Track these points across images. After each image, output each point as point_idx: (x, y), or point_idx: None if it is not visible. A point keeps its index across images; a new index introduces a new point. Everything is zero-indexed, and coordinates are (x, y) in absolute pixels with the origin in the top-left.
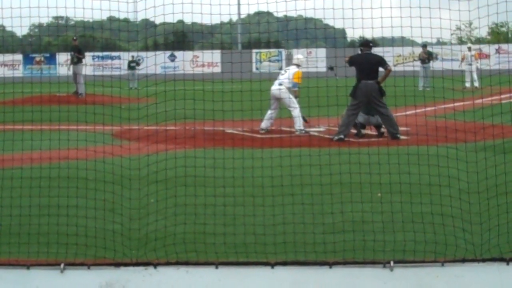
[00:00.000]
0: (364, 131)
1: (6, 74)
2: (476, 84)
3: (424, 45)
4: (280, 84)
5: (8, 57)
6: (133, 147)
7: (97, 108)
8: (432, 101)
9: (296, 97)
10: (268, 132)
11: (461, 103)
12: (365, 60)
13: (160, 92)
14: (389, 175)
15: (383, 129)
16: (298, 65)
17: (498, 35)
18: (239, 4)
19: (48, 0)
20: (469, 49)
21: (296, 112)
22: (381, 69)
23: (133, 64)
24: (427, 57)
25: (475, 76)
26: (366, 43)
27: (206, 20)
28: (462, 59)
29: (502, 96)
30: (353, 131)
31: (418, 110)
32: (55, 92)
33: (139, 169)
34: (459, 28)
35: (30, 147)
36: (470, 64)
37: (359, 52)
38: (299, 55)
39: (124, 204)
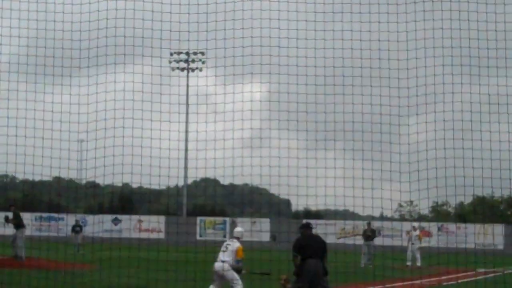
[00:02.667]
0: None
1: None
2: (419, 263)
3: (368, 223)
4: (223, 261)
5: None
6: None
7: (36, 273)
8: (372, 280)
9: (240, 271)
10: None
11: (402, 283)
12: (312, 240)
13: (104, 258)
14: None
15: None
16: (238, 238)
17: (439, 213)
18: (186, 175)
19: None
20: (414, 228)
21: (239, 287)
22: None
23: (77, 228)
24: (370, 234)
25: (418, 255)
26: (307, 225)
27: (153, 186)
28: (409, 240)
29: (443, 278)
30: None
31: None
32: None
33: None
34: (401, 205)
35: None
36: (413, 244)
37: (300, 233)
38: (238, 227)
39: None
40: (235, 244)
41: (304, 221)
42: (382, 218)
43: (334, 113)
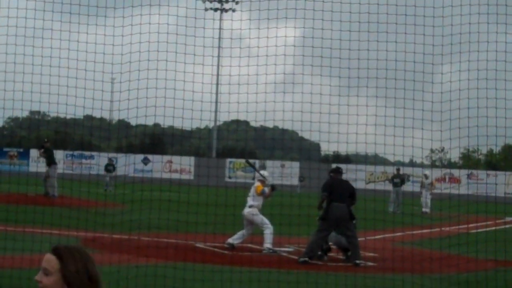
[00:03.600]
0: (329, 255)
1: None
2: (428, 210)
3: (398, 168)
4: (250, 207)
5: None
6: (105, 259)
7: (67, 212)
8: (400, 226)
9: (273, 187)
10: (235, 249)
11: (429, 230)
12: (339, 184)
13: (134, 198)
14: None
15: (350, 253)
16: (262, 181)
17: (469, 160)
18: (216, 111)
19: (24, 94)
20: (425, 176)
21: (267, 232)
22: None
23: (110, 167)
24: (399, 180)
25: (428, 202)
26: (337, 170)
27: (184, 125)
28: (421, 186)
29: (471, 225)
30: (319, 252)
31: (386, 235)
32: (24, 191)
33: (109, 282)
34: (432, 151)
35: None
36: (427, 191)
37: (330, 177)
38: (264, 171)
39: None
40: (255, 185)
41: (335, 165)
42: (412, 164)
43: (367, 59)
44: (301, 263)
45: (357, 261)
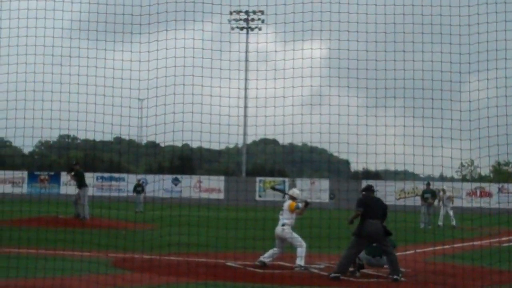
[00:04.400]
0: (362, 271)
1: (9, 191)
2: (454, 223)
3: (428, 183)
4: (283, 225)
5: (14, 174)
6: (135, 278)
7: (98, 234)
8: (432, 240)
9: (306, 204)
10: (267, 266)
11: (461, 244)
12: (373, 201)
13: (164, 217)
14: None
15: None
16: (294, 198)
17: (500, 175)
18: (245, 134)
19: (52, 121)
20: (444, 191)
21: (300, 249)
22: None
23: (139, 188)
24: (430, 195)
25: (451, 215)
26: (370, 188)
27: (212, 146)
28: (439, 201)
29: (503, 238)
30: (350, 268)
31: (418, 250)
32: (56, 213)
33: None
34: (462, 165)
35: (24, 273)
36: (445, 206)
37: (362, 196)
38: (294, 189)
39: None
40: (287, 202)
41: (366, 183)
42: (442, 178)
43: (394, 70)
44: (332, 278)
45: (396, 277)
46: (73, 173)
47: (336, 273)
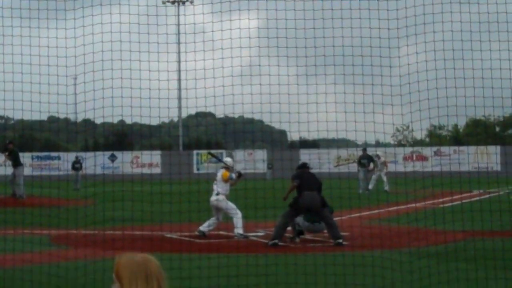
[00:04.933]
0: (301, 237)
1: None
2: (387, 188)
3: (364, 148)
4: (217, 194)
5: None
6: (71, 254)
7: (36, 211)
8: (368, 205)
9: (240, 175)
10: (206, 236)
11: (396, 207)
12: (310, 176)
13: (99, 193)
14: (325, 285)
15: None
16: (227, 168)
17: (435, 137)
18: (180, 106)
19: None
20: (378, 156)
21: (236, 219)
22: None
23: (77, 165)
24: (366, 161)
25: (385, 180)
26: (304, 165)
27: (147, 121)
28: (375, 166)
29: (439, 200)
30: (289, 234)
31: (355, 214)
32: None
33: (76, 279)
34: (398, 130)
35: None
36: (380, 171)
37: (297, 171)
38: (227, 158)
39: None
40: (220, 172)
41: (301, 161)
42: (378, 144)
43: (324, 47)
44: (271, 246)
45: (340, 240)
46: (7, 153)
47: (273, 240)
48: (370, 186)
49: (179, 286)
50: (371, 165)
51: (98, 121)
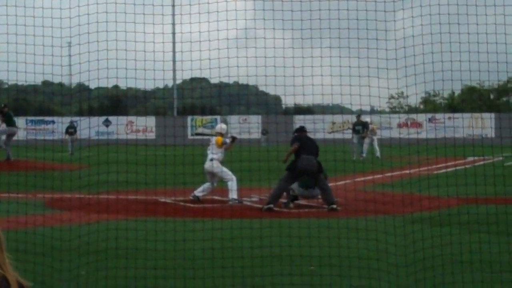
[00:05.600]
0: (295, 202)
1: None
2: (378, 154)
3: (358, 115)
4: (211, 160)
5: None
6: (65, 217)
7: (29, 176)
8: (362, 171)
9: (234, 139)
10: (200, 201)
11: (391, 173)
12: (307, 139)
13: (93, 158)
14: (319, 248)
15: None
16: (221, 134)
17: (430, 104)
18: (174, 70)
19: None
20: (367, 123)
21: (231, 183)
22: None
23: (71, 130)
24: (361, 127)
25: (376, 147)
26: (302, 128)
27: (142, 84)
28: (366, 133)
29: (433, 167)
30: (283, 200)
31: (349, 180)
32: None
33: (70, 240)
34: (392, 97)
35: None
36: (370, 137)
37: (295, 135)
38: (222, 124)
39: (54, 276)
40: (214, 138)
41: (299, 125)
42: (372, 111)
43: (319, 10)
44: (266, 210)
45: (334, 206)
46: (2, 116)
47: (268, 204)
48: (364, 153)
49: (173, 248)
50: (365, 131)
51: (93, 85)
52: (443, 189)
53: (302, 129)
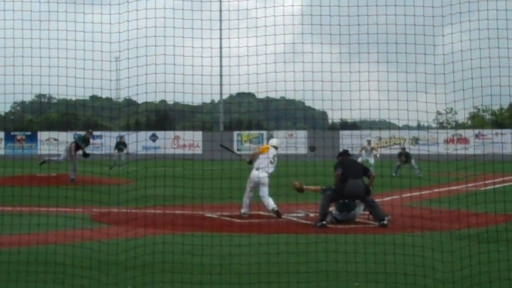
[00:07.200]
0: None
1: None
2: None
3: (403, 148)
4: (257, 169)
5: None
6: (112, 232)
7: (78, 191)
8: (408, 188)
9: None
10: (248, 216)
11: (438, 189)
12: (352, 163)
13: (140, 172)
14: (365, 264)
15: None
16: (275, 148)
17: (477, 119)
18: (221, 85)
19: (32, 78)
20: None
21: (265, 198)
22: None
23: (121, 146)
24: (406, 159)
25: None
26: (345, 152)
27: (189, 99)
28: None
29: (479, 183)
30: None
31: (395, 196)
32: (35, 172)
33: (117, 254)
34: (439, 113)
35: (8, 230)
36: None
37: (338, 159)
38: (272, 139)
39: None
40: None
41: (342, 149)
42: (419, 127)
43: (367, 25)
44: (319, 227)
45: (385, 222)
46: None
47: (321, 222)
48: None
49: (219, 262)
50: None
51: (141, 99)
52: (490, 205)
53: (345, 153)
